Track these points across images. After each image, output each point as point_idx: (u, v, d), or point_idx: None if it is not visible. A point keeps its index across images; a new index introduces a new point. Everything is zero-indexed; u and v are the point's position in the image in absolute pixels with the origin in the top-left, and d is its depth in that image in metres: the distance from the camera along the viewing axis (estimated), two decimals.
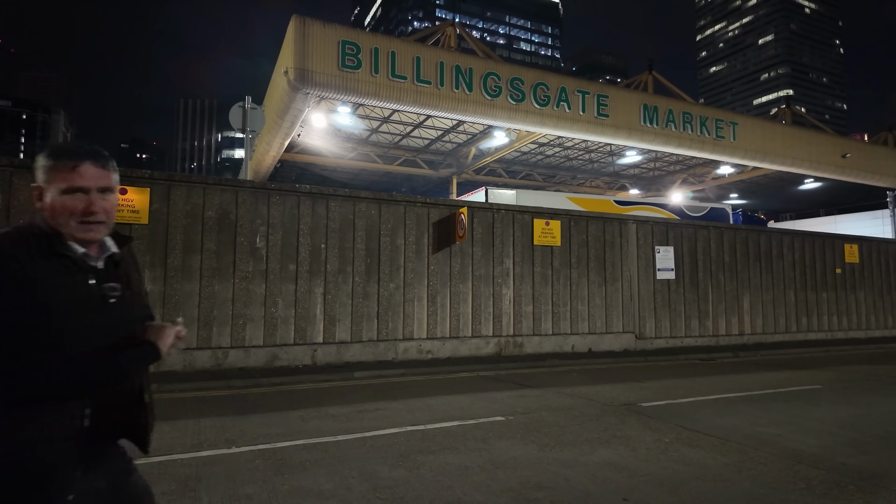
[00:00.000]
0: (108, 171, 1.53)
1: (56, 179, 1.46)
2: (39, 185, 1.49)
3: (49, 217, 1.47)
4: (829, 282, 15.15)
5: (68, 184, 1.45)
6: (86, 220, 1.47)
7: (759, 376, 9.03)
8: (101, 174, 1.50)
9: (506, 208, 11.05)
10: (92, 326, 1.46)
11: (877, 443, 4.97)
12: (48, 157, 1.48)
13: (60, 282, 1.43)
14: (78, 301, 1.45)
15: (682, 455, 4.56)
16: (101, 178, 1.50)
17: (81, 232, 1.48)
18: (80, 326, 1.44)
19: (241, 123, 10.64)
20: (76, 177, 1.46)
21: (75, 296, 1.45)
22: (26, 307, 1.37)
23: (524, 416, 5.92)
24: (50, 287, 1.41)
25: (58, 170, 1.46)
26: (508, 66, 18.17)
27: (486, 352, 10.35)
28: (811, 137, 24.40)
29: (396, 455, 4.50)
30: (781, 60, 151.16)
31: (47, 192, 1.47)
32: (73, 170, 1.46)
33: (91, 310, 1.47)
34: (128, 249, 1.69)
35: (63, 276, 1.44)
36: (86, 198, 1.47)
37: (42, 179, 1.48)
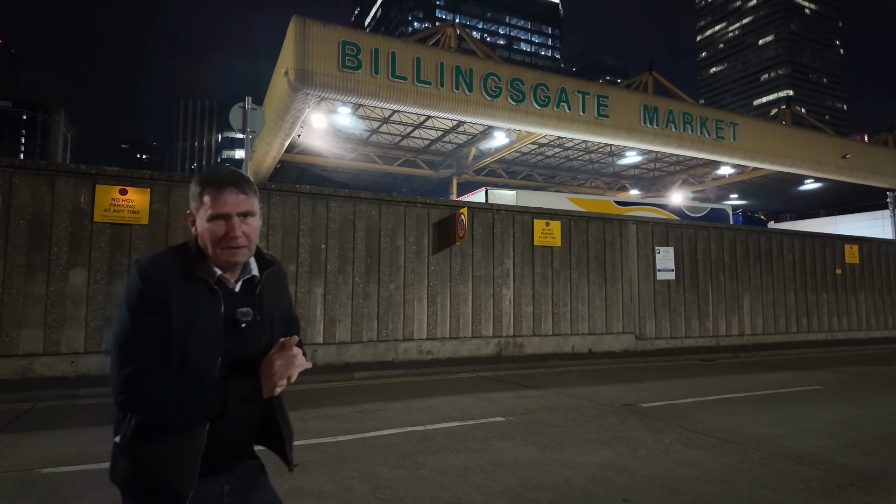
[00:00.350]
0: (248, 195, 1.56)
1: (202, 206, 1.52)
2: (191, 211, 1.57)
3: (200, 241, 1.55)
4: (829, 282, 15.14)
5: (213, 211, 1.50)
6: (228, 245, 1.51)
7: (759, 377, 9.02)
8: (241, 200, 1.54)
9: (506, 209, 11.05)
10: (214, 351, 1.49)
11: (877, 443, 4.97)
12: (196, 185, 1.55)
13: (192, 305, 1.48)
14: (206, 325, 1.49)
15: (683, 456, 4.56)
16: (242, 204, 1.54)
17: (225, 256, 1.52)
18: (203, 351, 1.48)
19: (241, 124, 10.64)
20: (219, 204, 1.51)
21: (204, 319, 1.49)
22: (160, 328, 1.44)
23: (524, 417, 5.91)
24: (181, 310, 1.47)
25: (203, 197, 1.52)
26: (509, 66, 18.17)
27: (486, 352, 10.34)
28: (811, 138, 24.39)
29: (397, 456, 4.50)
30: (781, 61, 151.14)
31: (197, 218, 1.54)
32: (216, 198, 1.51)
33: (216, 334, 1.50)
34: (273, 272, 1.69)
35: (196, 300, 1.49)
36: (227, 224, 1.51)
37: (192, 206, 1.56)
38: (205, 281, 1.52)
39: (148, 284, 1.47)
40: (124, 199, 7.89)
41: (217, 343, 1.50)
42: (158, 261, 1.53)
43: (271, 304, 1.66)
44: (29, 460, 4.32)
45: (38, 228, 7.50)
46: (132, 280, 1.48)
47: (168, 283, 1.48)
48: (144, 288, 1.47)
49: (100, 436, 5.02)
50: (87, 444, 4.75)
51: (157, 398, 1.42)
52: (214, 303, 1.52)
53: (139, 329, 1.44)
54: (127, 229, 7.94)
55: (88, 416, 5.80)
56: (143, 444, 1.46)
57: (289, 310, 1.79)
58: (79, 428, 5.31)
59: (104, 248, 7.80)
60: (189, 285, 1.50)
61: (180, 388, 1.44)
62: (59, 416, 5.86)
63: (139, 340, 1.44)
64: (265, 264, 1.67)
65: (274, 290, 1.69)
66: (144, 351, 1.43)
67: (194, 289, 1.51)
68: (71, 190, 7.69)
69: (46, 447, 4.67)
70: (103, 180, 7.86)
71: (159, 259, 1.53)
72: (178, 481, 1.43)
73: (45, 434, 5.09)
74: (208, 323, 1.50)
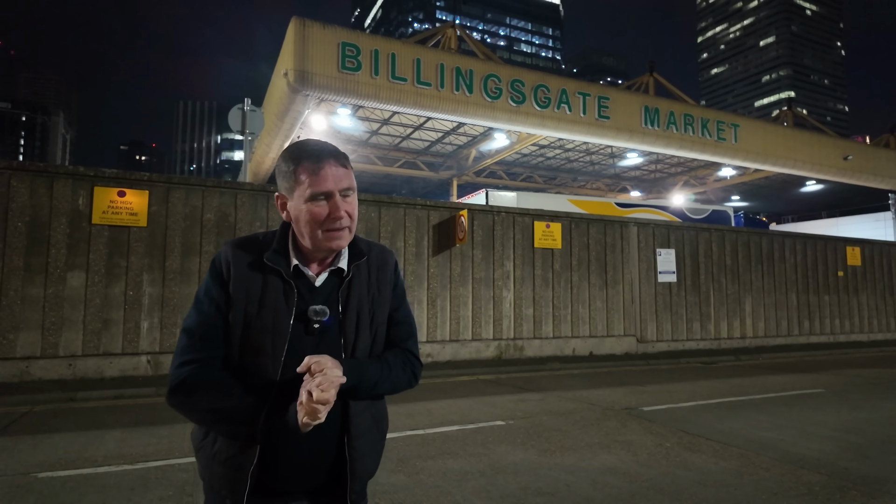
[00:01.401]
0: (347, 169, 1.37)
1: (298, 185, 1.32)
2: (281, 193, 1.37)
3: (295, 226, 1.37)
4: (831, 284, 15.10)
5: (313, 189, 1.31)
6: (331, 227, 1.33)
7: (760, 380, 8.99)
8: (342, 174, 1.34)
9: (506, 210, 11.02)
10: (275, 354, 1.31)
11: (879, 447, 4.93)
12: (288, 160, 1.35)
13: (258, 297, 1.34)
14: (270, 322, 1.32)
15: (684, 460, 4.52)
16: (343, 179, 1.34)
17: (328, 240, 1.34)
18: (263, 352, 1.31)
19: (240, 125, 10.62)
20: (319, 181, 1.31)
21: (269, 315, 1.33)
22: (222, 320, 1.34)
23: (525, 421, 5.88)
24: (242, 301, 1.33)
25: (299, 174, 1.32)
26: (509, 67, 18.14)
27: (486, 355, 10.31)
28: (813, 139, 24.35)
29: (395, 460, 4.46)
30: (783, 62, 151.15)
31: (291, 200, 1.35)
32: (316, 173, 1.31)
33: (281, 334, 1.32)
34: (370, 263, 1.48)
35: (263, 292, 1.34)
36: (330, 202, 1.32)
37: (283, 187, 1.36)
38: (276, 271, 1.35)
39: (216, 269, 1.37)
40: (122, 201, 7.87)
41: (280, 344, 1.31)
42: (239, 244, 1.39)
43: (362, 301, 1.43)
44: (26, 464, 4.28)
45: (36, 230, 7.48)
46: (210, 264, 1.39)
47: (235, 271, 1.34)
48: (212, 273, 1.37)
49: (98, 439, 5.00)
50: (85, 448, 4.72)
51: (193, 398, 1.29)
52: (285, 297, 1.34)
53: (201, 317, 1.33)
54: (125, 231, 7.92)
55: (86, 420, 5.77)
56: (205, 444, 1.36)
57: (396, 311, 1.52)
58: (77, 431, 5.28)
59: (102, 251, 7.77)
60: (260, 274, 1.35)
61: (217, 394, 1.29)
62: (57, 419, 5.83)
63: (199, 329, 1.33)
64: (357, 254, 1.45)
65: (370, 285, 1.46)
66: (202, 342, 1.32)
67: (265, 279, 1.35)
68: (69, 192, 7.67)
69: (44, 451, 4.64)
70: (102, 182, 7.84)
71: (241, 242, 1.40)
72: (229, 495, 1.30)
73: (42, 438, 5.06)
74: (273, 320, 1.32)
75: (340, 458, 1.37)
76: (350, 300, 1.41)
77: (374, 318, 1.44)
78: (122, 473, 4.12)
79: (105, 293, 7.74)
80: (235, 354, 1.33)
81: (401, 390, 1.48)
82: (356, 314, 1.41)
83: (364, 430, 1.40)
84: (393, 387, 1.44)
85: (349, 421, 1.37)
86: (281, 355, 1.31)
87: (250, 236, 1.42)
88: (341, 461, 1.37)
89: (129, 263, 7.90)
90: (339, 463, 1.37)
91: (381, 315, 1.47)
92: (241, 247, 1.39)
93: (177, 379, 1.28)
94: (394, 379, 1.44)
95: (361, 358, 1.41)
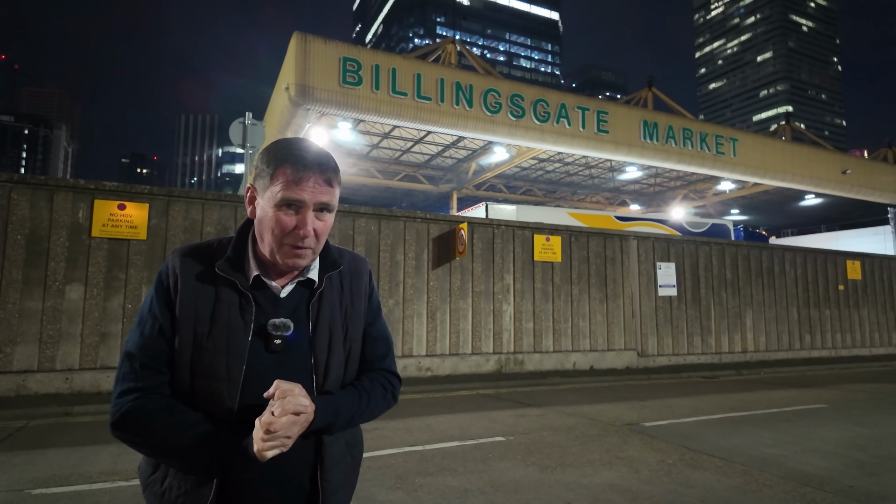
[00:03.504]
0: (332, 186, 1.22)
1: (272, 185, 1.18)
2: (252, 186, 1.24)
3: (256, 228, 1.24)
4: (831, 298, 15.06)
5: (284, 194, 1.16)
6: (294, 243, 1.18)
7: (762, 395, 8.92)
8: (323, 189, 1.19)
9: (506, 224, 11.02)
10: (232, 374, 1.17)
11: (884, 464, 4.87)
12: (268, 155, 1.21)
13: (209, 312, 1.19)
14: (224, 339, 1.18)
15: (686, 477, 4.47)
16: (322, 194, 1.20)
17: (286, 256, 1.20)
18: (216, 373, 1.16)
19: (241, 139, 10.65)
20: (295, 188, 1.16)
21: (222, 332, 1.18)
22: (169, 338, 1.19)
23: (525, 437, 5.82)
24: (191, 317, 1.18)
25: (276, 174, 1.18)
26: (508, 82, 18.26)
27: (486, 369, 10.24)
28: (811, 153, 24.45)
29: (394, 477, 4.41)
30: (780, 77, 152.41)
31: (260, 198, 1.21)
32: (294, 179, 1.17)
33: (238, 352, 1.17)
34: (343, 274, 1.34)
35: (216, 306, 1.20)
36: (299, 215, 1.18)
37: (258, 183, 1.22)
38: (230, 282, 1.21)
39: (161, 283, 1.22)
40: (122, 214, 7.87)
41: (236, 366, 1.17)
42: (187, 252, 1.24)
43: (334, 316, 1.29)
44: (20, 481, 4.23)
45: (35, 243, 7.46)
46: (157, 274, 1.24)
47: (183, 283, 1.20)
48: (157, 288, 1.22)
49: (93, 455, 4.94)
50: (81, 464, 4.66)
51: (139, 433, 1.15)
52: (241, 311, 1.20)
53: (143, 339, 1.19)
54: (125, 244, 7.90)
55: (82, 435, 5.71)
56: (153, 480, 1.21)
57: (372, 326, 1.39)
58: (72, 447, 5.22)
59: (101, 264, 7.75)
60: (212, 287, 1.20)
61: (165, 426, 1.14)
62: (53, 434, 5.77)
63: (140, 353, 1.18)
64: (331, 264, 1.31)
65: (342, 297, 1.32)
66: (143, 369, 1.17)
67: (217, 292, 1.20)
68: (69, 205, 7.67)
69: (38, 467, 4.58)
70: (102, 195, 7.84)
71: (191, 250, 1.25)
72: None
73: (37, 453, 5.00)
74: (227, 339, 1.17)
75: (314, 492, 1.24)
76: (321, 314, 1.27)
77: (347, 334, 1.31)
78: (117, 490, 4.07)
79: (104, 306, 7.70)
80: (186, 379, 1.18)
81: (378, 416, 1.37)
82: (328, 330, 1.27)
83: (338, 458, 1.28)
84: (371, 416, 1.33)
85: (322, 449, 1.24)
86: (238, 379, 1.16)
87: (202, 243, 1.28)
88: (314, 496, 1.24)
89: (129, 276, 7.87)
90: (312, 498, 1.24)
91: (354, 330, 1.34)
92: (191, 255, 1.24)
93: (118, 412, 1.16)
94: (372, 408, 1.32)
95: (334, 380, 1.27)
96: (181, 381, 1.19)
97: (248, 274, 1.23)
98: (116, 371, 1.21)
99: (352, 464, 1.34)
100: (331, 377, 1.26)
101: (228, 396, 1.16)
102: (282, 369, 1.19)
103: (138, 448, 1.18)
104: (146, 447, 1.18)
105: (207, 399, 1.16)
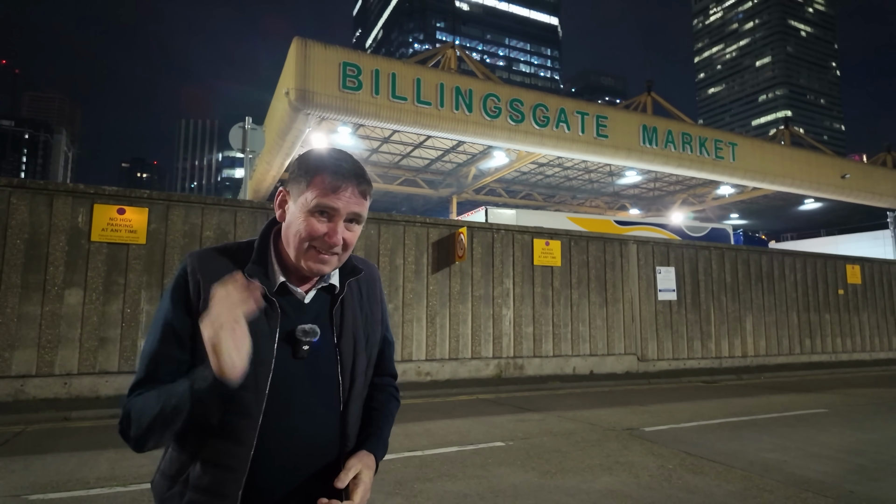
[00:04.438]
0: (366, 199, 1.24)
1: (307, 190, 1.18)
2: (285, 190, 1.24)
3: (283, 233, 1.23)
4: (831, 303, 15.05)
5: (320, 201, 1.17)
6: (322, 249, 1.19)
7: (763, 399, 8.90)
8: (357, 200, 1.21)
9: (505, 228, 11.01)
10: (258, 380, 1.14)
11: (885, 469, 4.85)
12: (306, 162, 1.21)
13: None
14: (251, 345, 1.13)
15: (686, 482, 4.45)
16: (356, 205, 1.21)
17: (312, 260, 1.19)
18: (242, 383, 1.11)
19: (240, 144, 10.66)
20: (331, 196, 1.17)
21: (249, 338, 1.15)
22: (187, 343, 1.17)
23: (524, 442, 5.80)
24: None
25: (313, 179, 1.18)
26: (508, 87, 18.29)
27: (485, 374, 10.22)
28: (810, 158, 24.47)
29: (393, 482, 4.38)
30: (779, 82, 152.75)
31: (293, 202, 1.21)
32: (331, 187, 1.18)
33: (264, 358, 1.15)
34: (361, 280, 1.36)
35: None
36: (331, 223, 1.18)
37: (291, 186, 1.22)
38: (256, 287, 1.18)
39: (180, 289, 1.19)
40: (122, 218, 7.86)
41: (263, 374, 1.14)
42: (209, 256, 1.22)
43: (356, 322, 1.30)
44: (17, 486, 4.21)
45: (34, 248, 7.46)
46: (173, 278, 1.21)
47: (205, 286, 1.15)
48: (174, 294, 1.19)
49: (91, 460, 4.92)
50: (79, 470, 4.64)
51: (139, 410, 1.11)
52: (268, 317, 1.17)
53: (162, 341, 1.17)
54: (124, 249, 7.89)
55: (80, 440, 5.69)
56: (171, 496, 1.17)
57: (386, 330, 1.42)
58: (70, 452, 5.20)
59: (100, 268, 7.74)
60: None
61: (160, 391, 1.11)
62: (51, 439, 5.75)
63: (159, 355, 1.16)
64: (350, 270, 1.32)
65: (362, 304, 1.34)
66: (159, 377, 1.14)
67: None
68: (69, 209, 7.67)
69: (36, 472, 4.56)
70: (102, 200, 7.84)
71: (212, 254, 1.23)
72: None
73: (34, 458, 4.98)
74: (254, 346, 1.12)
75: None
76: (345, 320, 1.28)
77: (368, 340, 1.33)
78: (115, 496, 4.05)
79: (102, 311, 7.69)
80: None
81: None
82: (352, 336, 1.28)
83: None
84: None
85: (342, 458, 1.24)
86: (265, 387, 1.15)
87: (220, 246, 1.26)
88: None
89: (128, 281, 7.86)
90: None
91: (374, 336, 1.36)
92: (212, 259, 1.22)
93: (123, 410, 1.14)
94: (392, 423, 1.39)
95: (359, 387, 1.29)
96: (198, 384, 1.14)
97: (274, 280, 1.22)
98: (135, 374, 1.18)
99: None
100: (356, 384, 1.27)
101: (255, 405, 1.13)
102: (309, 377, 1.20)
103: (146, 436, 1.11)
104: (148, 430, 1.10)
105: (232, 408, 1.12)
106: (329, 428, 1.22)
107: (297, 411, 1.18)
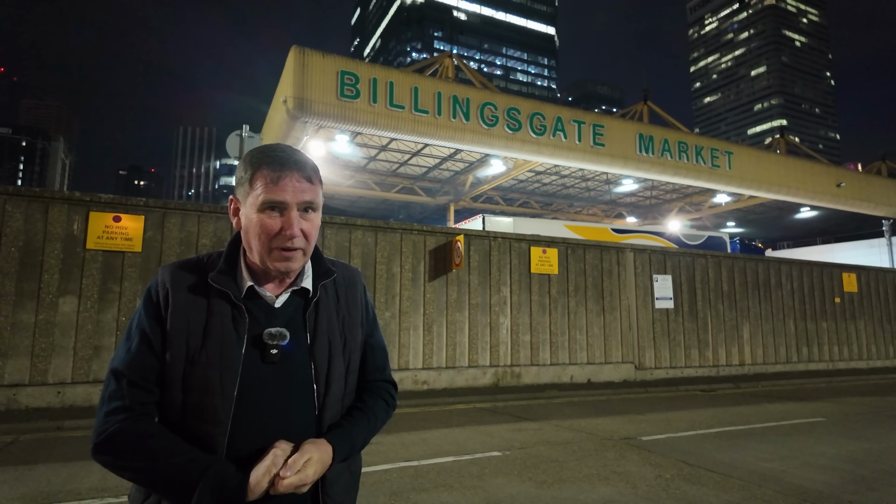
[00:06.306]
0: (313, 183, 1.20)
1: (252, 191, 1.16)
2: (235, 197, 1.23)
3: (244, 238, 1.21)
4: (828, 311, 15.06)
5: (266, 196, 1.15)
6: (282, 245, 1.16)
7: (760, 408, 8.87)
8: (304, 187, 1.18)
9: (503, 236, 11.01)
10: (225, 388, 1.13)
11: (883, 479, 4.83)
12: (246, 164, 1.19)
13: (202, 324, 1.16)
14: (217, 351, 1.14)
15: (684, 492, 4.41)
16: (305, 192, 1.18)
17: (276, 260, 1.17)
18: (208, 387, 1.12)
19: (237, 151, 10.65)
20: (275, 189, 1.15)
21: (215, 344, 1.15)
22: (160, 354, 1.15)
23: (521, 452, 5.76)
24: (183, 330, 1.15)
25: (255, 179, 1.16)
26: (505, 96, 18.37)
27: (483, 382, 10.18)
28: (806, 167, 24.61)
29: (389, 493, 4.34)
30: (774, 91, 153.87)
31: (244, 207, 1.20)
32: (273, 181, 1.15)
33: (232, 364, 1.14)
34: (338, 282, 1.33)
35: (208, 318, 1.16)
36: (284, 217, 1.16)
37: (239, 192, 1.21)
38: (223, 293, 1.18)
39: (151, 299, 1.19)
40: (118, 226, 7.83)
41: (230, 379, 1.13)
42: (178, 267, 1.22)
43: (332, 325, 1.27)
44: (8, 498, 4.15)
45: (29, 256, 7.42)
46: (145, 293, 1.21)
47: (174, 298, 1.16)
48: (146, 304, 1.19)
49: (84, 471, 4.86)
50: (70, 481, 4.59)
51: (124, 457, 1.09)
52: (234, 322, 1.17)
53: (130, 356, 1.14)
54: (119, 257, 7.86)
55: (73, 450, 5.63)
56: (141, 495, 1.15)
57: (371, 337, 1.38)
58: (62, 463, 5.14)
59: (96, 276, 7.70)
60: (204, 300, 1.18)
61: (152, 451, 1.08)
62: (43, 449, 5.69)
63: (128, 371, 1.13)
64: (324, 272, 1.30)
65: (338, 307, 1.30)
66: (131, 387, 1.12)
67: (210, 305, 1.18)
68: (64, 217, 7.64)
69: (27, 483, 4.51)
70: (97, 207, 7.81)
71: (182, 265, 1.23)
72: None
73: (26, 469, 4.92)
74: (221, 351, 1.14)
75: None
76: (319, 324, 1.24)
77: (346, 345, 1.29)
78: None
79: (97, 319, 7.64)
80: (178, 396, 1.14)
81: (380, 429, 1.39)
82: (327, 339, 1.24)
83: (338, 474, 1.23)
84: (376, 432, 1.34)
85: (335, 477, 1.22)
86: (232, 393, 1.12)
87: (192, 258, 1.26)
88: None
89: (123, 289, 7.82)
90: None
91: (353, 341, 1.32)
92: (182, 269, 1.21)
93: (103, 432, 1.09)
94: (378, 426, 1.33)
95: (335, 392, 1.25)
96: (172, 399, 1.14)
97: (241, 285, 1.21)
98: (102, 390, 1.16)
99: (351, 480, 1.31)
100: (332, 389, 1.24)
101: (222, 412, 1.12)
102: (282, 382, 1.17)
103: (121, 472, 1.11)
104: (130, 472, 1.10)
105: (200, 416, 1.12)
106: (305, 433, 1.18)
107: (270, 416, 1.16)
